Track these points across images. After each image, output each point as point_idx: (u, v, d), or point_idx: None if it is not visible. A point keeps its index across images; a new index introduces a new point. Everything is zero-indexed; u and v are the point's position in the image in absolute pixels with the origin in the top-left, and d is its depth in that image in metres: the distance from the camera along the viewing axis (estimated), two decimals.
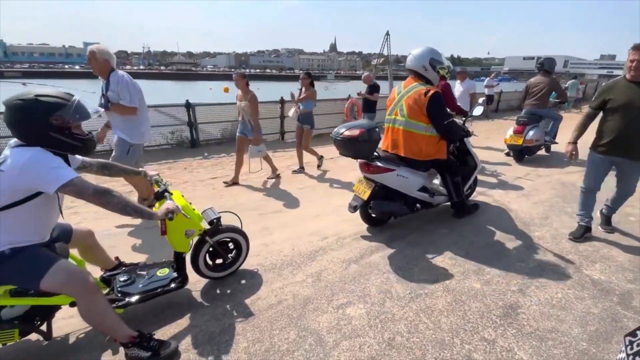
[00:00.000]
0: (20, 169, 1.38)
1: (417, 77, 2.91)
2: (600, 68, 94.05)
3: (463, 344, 1.82)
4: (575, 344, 1.82)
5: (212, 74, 78.90)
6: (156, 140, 6.51)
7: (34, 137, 1.46)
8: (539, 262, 2.61)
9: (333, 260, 2.65)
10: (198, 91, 37.02)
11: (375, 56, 43.38)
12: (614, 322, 1.98)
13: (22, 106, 1.43)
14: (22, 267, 1.50)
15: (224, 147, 6.79)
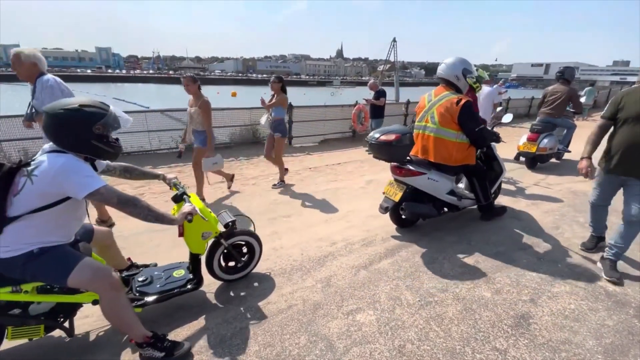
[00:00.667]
0: (53, 175, 1.46)
1: (448, 86, 3.01)
2: (613, 75, 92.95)
3: (474, 353, 1.81)
4: (590, 357, 1.79)
5: (220, 79, 79.96)
6: (167, 144, 6.61)
7: (73, 144, 1.53)
8: (551, 272, 2.58)
9: (342, 266, 2.66)
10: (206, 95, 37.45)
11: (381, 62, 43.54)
12: (631, 336, 1.95)
13: (67, 115, 1.50)
14: (51, 265, 1.56)
15: (232, 151, 6.86)
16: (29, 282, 1.59)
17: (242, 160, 6.32)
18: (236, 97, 31.89)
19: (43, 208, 1.50)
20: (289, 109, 7.66)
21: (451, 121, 2.88)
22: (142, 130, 6.33)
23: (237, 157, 6.50)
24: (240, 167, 5.92)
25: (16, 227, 1.49)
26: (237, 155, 6.57)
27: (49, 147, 1.56)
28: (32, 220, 1.51)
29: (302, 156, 6.86)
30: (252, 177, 5.21)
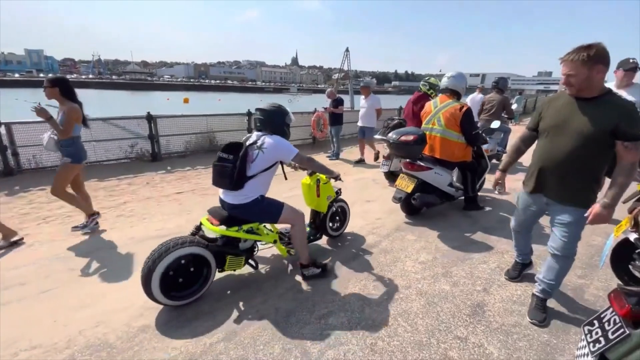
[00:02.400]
0: (275, 146, 2.26)
1: (451, 95, 3.61)
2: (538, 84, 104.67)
3: (439, 343, 1.94)
4: (537, 336, 2.01)
5: (169, 84, 76.10)
6: (115, 154, 6.14)
7: (277, 129, 2.36)
8: (499, 263, 2.85)
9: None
10: (155, 102, 35.43)
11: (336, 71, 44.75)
12: (570, 314, 2.22)
13: (278, 111, 2.37)
14: (270, 207, 2.38)
15: (188, 161, 6.58)
16: (250, 224, 2.37)
17: (199, 169, 6.08)
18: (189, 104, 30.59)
19: (266, 169, 2.28)
20: (248, 117, 7.54)
21: (455, 124, 3.45)
22: (87, 140, 5.80)
23: (194, 166, 6.24)
24: (198, 176, 5.69)
25: (251, 183, 2.25)
26: (193, 165, 6.31)
27: (257, 133, 2.37)
28: (260, 177, 2.28)
29: None
30: (210, 187, 5.03)
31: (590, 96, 1.77)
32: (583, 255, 2.99)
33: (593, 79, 1.70)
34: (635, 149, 1.70)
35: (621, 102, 1.74)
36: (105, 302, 2.30)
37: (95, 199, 4.45)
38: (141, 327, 2.05)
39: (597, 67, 1.68)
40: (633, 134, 1.69)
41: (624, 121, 1.68)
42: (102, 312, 2.19)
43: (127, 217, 3.90)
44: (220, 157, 2.25)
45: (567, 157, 1.85)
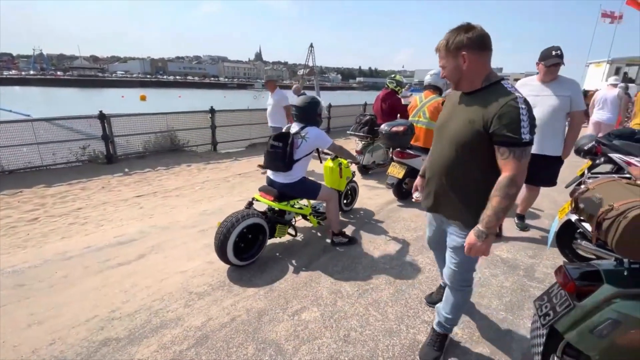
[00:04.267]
0: (316, 137, 2.75)
1: (434, 90, 4.01)
2: None
3: (408, 329, 2.03)
4: (495, 314, 2.17)
5: (123, 81, 71.42)
6: (64, 157, 5.67)
7: (312, 120, 2.83)
8: None
9: (283, 269, 2.67)
10: (108, 100, 33.09)
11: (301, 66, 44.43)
12: (523, 292, 2.41)
13: (310, 105, 2.80)
14: (311, 186, 2.90)
15: (148, 161, 6.25)
16: (295, 199, 2.96)
17: (160, 171, 5.80)
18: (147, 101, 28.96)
19: (307, 155, 2.79)
20: (212, 114, 7.28)
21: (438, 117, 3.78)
22: (30, 143, 5.31)
23: (154, 167, 5.94)
24: (159, 177, 5.44)
25: (297, 165, 2.74)
26: (154, 166, 6.01)
27: (296, 124, 2.85)
28: (303, 161, 2.78)
29: (228, 162, 6.62)
30: (174, 189, 4.83)
31: (471, 89, 1.43)
32: (533, 236, 3.26)
33: (461, 69, 1.38)
34: (515, 158, 1.28)
35: (501, 95, 1.31)
36: (61, 317, 2.14)
37: (43, 207, 4.10)
38: (103, 341, 1.93)
39: (460, 54, 1.36)
40: (508, 138, 1.26)
41: (499, 120, 1.27)
42: (58, 328, 2.04)
43: (81, 224, 3.64)
44: (272, 144, 2.73)
45: (445, 166, 1.51)
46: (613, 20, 18.98)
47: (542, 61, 2.76)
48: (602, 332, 1.31)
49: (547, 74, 2.79)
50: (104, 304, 2.26)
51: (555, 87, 2.80)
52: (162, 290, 2.41)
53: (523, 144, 1.26)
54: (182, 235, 3.27)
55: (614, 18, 18.99)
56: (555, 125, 2.83)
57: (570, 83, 2.81)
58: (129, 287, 2.46)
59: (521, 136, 1.25)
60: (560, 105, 2.78)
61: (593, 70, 17.27)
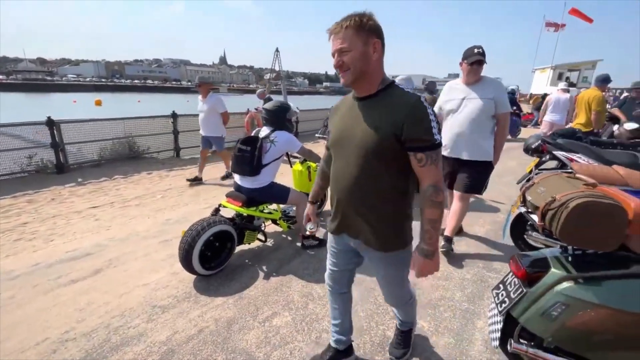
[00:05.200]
0: (285, 141, 2.77)
1: None
2: None
3: (378, 326, 2.07)
4: (459, 306, 2.28)
5: (76, 85, 66.71)
6: (7, 168, 5.17)
7: (282, 124, 2.81)
8: None
9: (253, 275, 2.62)
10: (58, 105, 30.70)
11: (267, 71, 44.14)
12: (483, 283, 2.55)
13: (280, 109, 2.79)
14: (278, 191, 2.85)
15: (104, 170, 5.87)
16: (263, 204, 2.91)
17: (118, 179, 5.47)
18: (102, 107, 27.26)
19: (276, 159, 2.77)
20: (174, 118, 7.01)
21: None
22: None
23: (111, 176, 5.59)
24: (117, 187, 5.12)
25: (265, 170, 2.71)
26: (111, 175, 5.65)
27: (265, 128, 2.82)
28: (271, 166, 2.75)
29: (193, 168, 6.38)
30: (134, 198, 4.58)
31: (369, 92, 1.25)
32: (490, 230, 3.47)
33: (370, 59, 1.19)
34: (433, 164, 1.19)
35: (405, 96, 1.19)
36: (8, 341, 1.94)
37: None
38: None
39: (373, 40, 1.18)
40: (423, 142, 1.16)
41: (410, 123, 1.15)
42: (6, 353, 1.85)
43: (28, 240, 3.34)
44: (240, 148, 2.72)
45: (353, 182, 1.30)
46: (556, 29, 20.87)
47: (464, 60, 2.65)
48: (552, 314, 1.43)
49: (471, 74, 2.65)
50: (56, 324, 2.09)
51: (480, 89, 2.68)
52: (122, 305, 2.27)
53: (437, 145, 1.18)
54: (144, 247, 3.11)
55: (557, 27, 20.89)
56: (482, 129, 2.72)
57: (494, 84, 2.70)
58: (84, 305, 2.29)
59: (434, 137, 1.16)
60: (485, 108, 2.66)
61: (539, 76, 18.87)
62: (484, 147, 2.75)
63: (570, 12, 18.65)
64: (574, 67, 17.64)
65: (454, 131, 2.79)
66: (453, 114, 2.80)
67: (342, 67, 1.20)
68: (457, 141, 2.79)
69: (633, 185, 2.39)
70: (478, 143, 2.73)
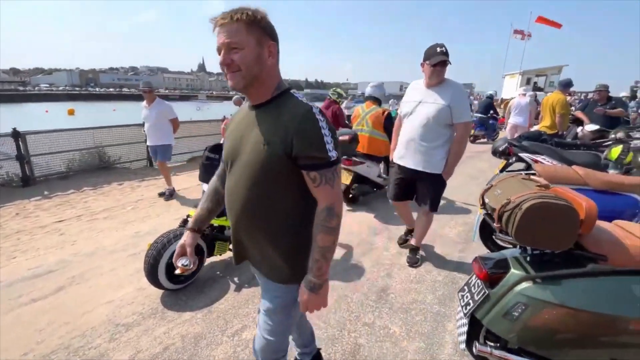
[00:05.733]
0: None
1: (374, 102, 4.22)
2: None
3: (350, 333, 2.05)
4: (430, 309, 2.29)
5: (49, 94, 64.01)
6: None
7: None
8: (398, 249, 3.16)
9: (224, 287, 2.55)
10: (29, 115, 29.36)
11: None
12: (454, 284, 2.58)
13: None
14: None
15: (72, 182, 5.60)
16: None
17: (86, 191, 5.24)
18: (75, 116, 26.28)
19: None
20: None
21: (379, 125, 4.08)
22: None
23: (79, 188, 5.34)
24: (86, 199, 4.90)
25: None
26: (79, 186, 5.41)
27: None
28: None
29: None
30: (102, 210, 4.39)
31: (262, 99, 1.07)
32: (461, 232, 3.54)
33: (265, 63, 1.02)
34: (328, 183, 1.02)
35: (296, 107, 1.02)
36: None
37: None
38: None
39: (268, 42, 1.02)
40: (315, 159, 1.00)
41: (299, 138, 0.98)
42: None
43: None
44: (208, 156, 2.65)
45: (244, 204, 1.10)
46: (523, 37, 21.88)
47: (426, 60, 2.35)
48: (513, 315, 1.45)
49: (433, 76, 2.37)
50: (14, 347, 1.97)
51: (437, 93, 2.41)
52: (84, 325, 2.16)
53: (331, 162, 1.01)
54: (110, 262, 2.97)
55: (524, 35, 21.90)
56: (433, 138, 2.42)
57: (454, 89, 2.39)
58: (44, 325, 2.16)
59: (328, 154, 1.00)
60: (438, 115, 2.35)
61: (508, 81, 19.67)
62: (435, 158, 2.48)
63: (536, 20, 19.62)
64: (541, 73, 18.50)
65: (405, 138, 2.60)
66: (407, 118, 2.60)
67: (230, 66, 1.00)
68: (408, 149, 2.57)
69: (591, 184, 2.50)
70: (428, 153, 2.47)
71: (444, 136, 2.45)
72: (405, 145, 2.60)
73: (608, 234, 1.45)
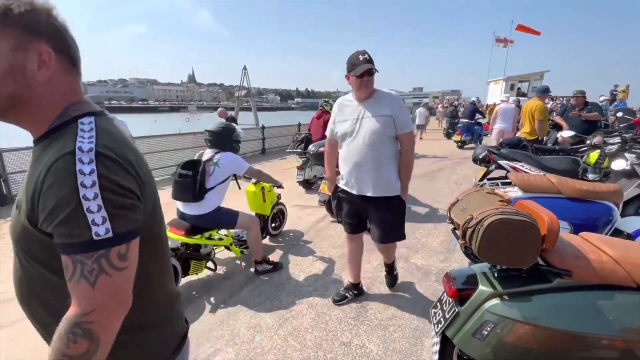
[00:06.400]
0: (230, 161, 2.72)
1: None
2: (414, 98, 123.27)
3: (326, 354, 1.99)
4: (409, 324, 2.25)
5: None
6: None
7: (226, 146, 2.78)
8: (379, 261, 3.11)
9: (198, 308, 2.47)
10: (7, 131, 28.66)
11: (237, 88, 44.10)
12: (434, 297, 2.54)
13: (225, 130, 2.78)
14: (227, 215, 2.76)
15: None
16: (209, 231, 2.75)
17: None
18: None
19: (222, 182, 2.69)
20: None
21: None
22: None
23: None
24: None
25: (210, 194, 2.63)
26: None
27: (210, 151, 2.77)
28: (217, 190, 2.67)
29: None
30: None
31: (38, 132, 0.72)
32: (444, 241, 3.52)
33: (30, 75, 0.66)
34: (85, 278, 0.60)
35: (58, 148, 0.63)
36: None
37: None
38: None
39: (36, 45, 0.66)
40: (68, 236, 0.61)
41: (44, 200, 0.62)
42: None
43: None
44: (180, 173, 2.61)
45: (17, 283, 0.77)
46: (506, 45, 22.47)
47: (350, 72, 2.07)
48: (482, 334, 1.41)
49: (362, 88, 2.08)
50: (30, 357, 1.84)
51: (374, 105, 2.13)
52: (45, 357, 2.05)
53: (95, 244, 0.61)
54: None
55: (506, 43, 22.49)
56: (384, 155, 2.14)
57: (390, 98, 2.15)
58: (8, 354, 2.06)
59: (87, 230, 0.60)
60: (384, 128, 2.08)
61: (493, 87, 20.10)
62: (390, 179, 2.17)
63: (517, 28, 20.19)
64: (524, 79, 18.96)
65: (351, 161, 2.18)
66: (348, 139, 2.19)
67: None
68: (357, 174, 2.18)
69: (564, 192, 2.51)
70: (382, 174, 2.14)
71: (392, 151, 2.18)
72: (351, 169, 2.20)
73: (572, 248, 1.44)
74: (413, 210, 4.55)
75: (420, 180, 6.04)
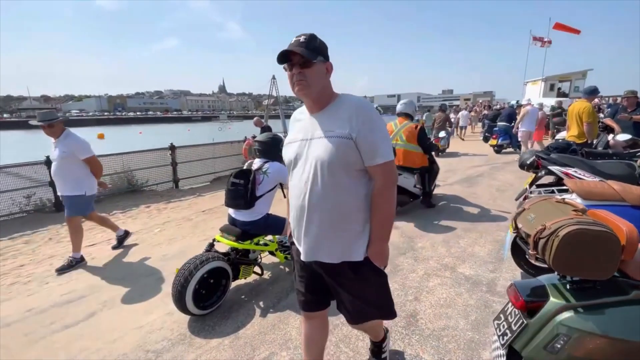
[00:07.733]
0: (277, 171, 2.77)
1: (406, 117, 4.79)
2: (443, 100, 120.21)
3: None
4: (463, 335, 2.19)
5: (78, 120, 68.22)
6: (4, 209, 5.19)
7: (274, 155, 2.81)
8: (425, 270, 3.07)
9: (249, 312, 2.55)
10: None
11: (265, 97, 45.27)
12: (487, 308, 2.46)
13: (276, 139, 2.89)
14: (273, 222, 2.84)
15: (102, 206, 5.86)
16: (259, 237, 2.87)
17: (116, 215, 5.47)
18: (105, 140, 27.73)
19: (270, 190, 2.78)
20: (172, 150, 7.10)
21: (413, 139, 4.57)
22: None
23: (109, 211, 5.58)
24: (116, 222, 5.09)
25: (260, 202, 2.73)
26: (109, 210, 5.65)
27: (259, 160, 2.88)
28: (266, 197, 2.77)
29: (192, 199, 6.39)
30: (134, 231, 4.55)
31: None
32: (492, 250, 3.40)
33: None
34: None
35: None
36: None
37: None
38: None
39: None
40: None
41: None
42: None
43: (23, 283, 3.29)
44: (232, 182, 2.72)
45: None
46: (543, 44, 21.45)
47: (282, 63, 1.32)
48: (555, 347, 1.36)
49: (296, 89, 1.31)
50: None
51: (327, 120, 1.33)
52: (115, 351, 2.21)
53: None
54: (139, 286, 3.05)
55: (543, 42, 21.47)
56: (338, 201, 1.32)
57: (353, 108, 1.30)
58: (76, 352, 2.23)
59: None
60: (337, 158, 1.27)
61: (530, 88, 19.18)
62: (354, 237, 1.37)
63: (554, 27, 19.22)
64: (564, 78, 17.95)
65: (295, 206, 1.41)
66: (293, 172, 1.45)
67: None
68: (306, 227, 1.38)
69: (629, 200, 2.36)
70: (340, 228, 1.35)
71: (356, 192, 1.34)
72: (297, 221, 1.42)
73: None
74: (455, 218, 4.43)
75: (458, 187, 5.85)
